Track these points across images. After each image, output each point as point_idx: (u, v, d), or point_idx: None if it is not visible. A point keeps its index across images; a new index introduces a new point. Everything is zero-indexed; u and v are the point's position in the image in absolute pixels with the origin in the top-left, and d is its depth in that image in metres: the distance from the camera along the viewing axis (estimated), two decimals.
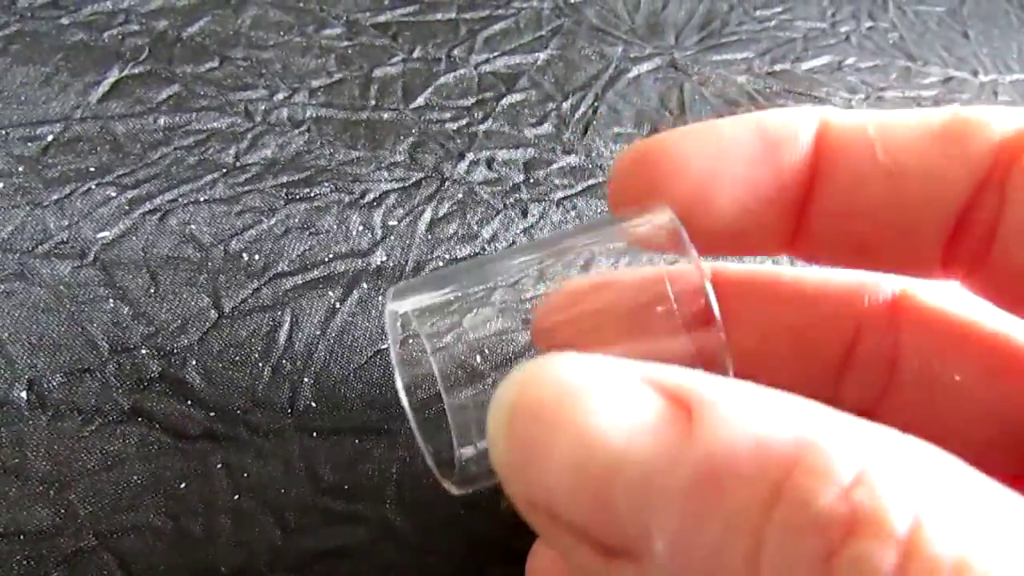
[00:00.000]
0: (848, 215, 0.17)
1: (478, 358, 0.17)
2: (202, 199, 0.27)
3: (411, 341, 0.18)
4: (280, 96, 0.31)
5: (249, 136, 0.30)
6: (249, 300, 0.25)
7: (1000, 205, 0.16)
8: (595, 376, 0.12)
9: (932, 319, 0.19)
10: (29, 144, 0.28)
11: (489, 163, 0.30)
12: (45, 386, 0.23)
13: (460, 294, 0.17)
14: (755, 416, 0.10)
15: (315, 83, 0.32)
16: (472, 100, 0.33)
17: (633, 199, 0.17)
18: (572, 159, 0.31)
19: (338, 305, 0.26)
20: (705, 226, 0.17)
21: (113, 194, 0.27)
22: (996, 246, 0.16)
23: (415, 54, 0.34)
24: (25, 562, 0.20)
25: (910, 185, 0.16)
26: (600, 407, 0.11)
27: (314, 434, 0.23)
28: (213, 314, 0.25)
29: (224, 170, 0.28)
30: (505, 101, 0.33)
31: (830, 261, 0.19)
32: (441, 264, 0.27)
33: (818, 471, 0.09)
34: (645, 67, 0.36)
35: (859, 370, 0.20)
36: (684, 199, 0.17)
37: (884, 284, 0.19)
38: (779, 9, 0.40)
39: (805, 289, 0.19)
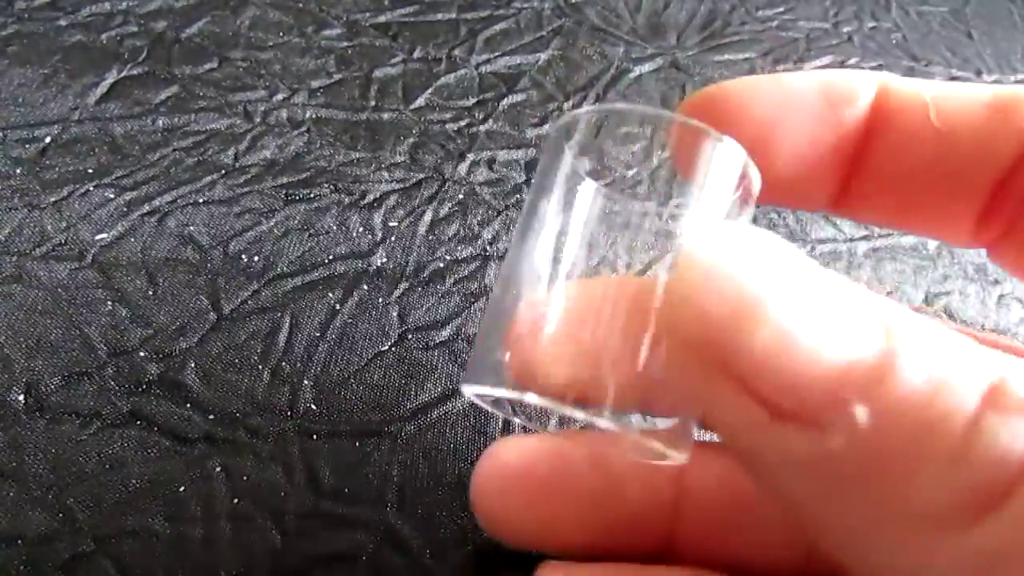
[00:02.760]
0: (896, 174, 0.18)
1: None
2: (201, 200, 0.27)
3: None
4: (279, 97, 0.31)
5: (248, 137, 0.29)
6: (248, 302, 0.25)
7: None
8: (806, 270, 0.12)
9: None
10: (27, 146, 0.28)
11: (490, 164, 0.30)
12: (43, 389, 0.23)
13: None
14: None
15: (315, 84, 0.32)
16: (473, 100, 0.32)
17: None
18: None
19: (338, 307, 0.25)
20: (761, 171, 0.17)
21: (111, 196, 0.27)
22: None
23: (415, 54, 0.34)
24: (23, 567, 0.20)
25: (958, 147, 0.17)
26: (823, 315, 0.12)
27: (314, 437, 0.23)
28: (212, 316, 0.25)
29: (223, 171, 0.28)
30: (506, 101, 0.33)
31: (869, 220, 0.21)
32: (442, 265, 0.27)
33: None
34: (647, 67, 0.35)
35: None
36: (745, 142, 0.16)
37: None
38: (781, 9, 0.40)
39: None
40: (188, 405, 0.23)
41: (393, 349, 0.25)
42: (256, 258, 0.26)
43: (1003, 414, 0.10)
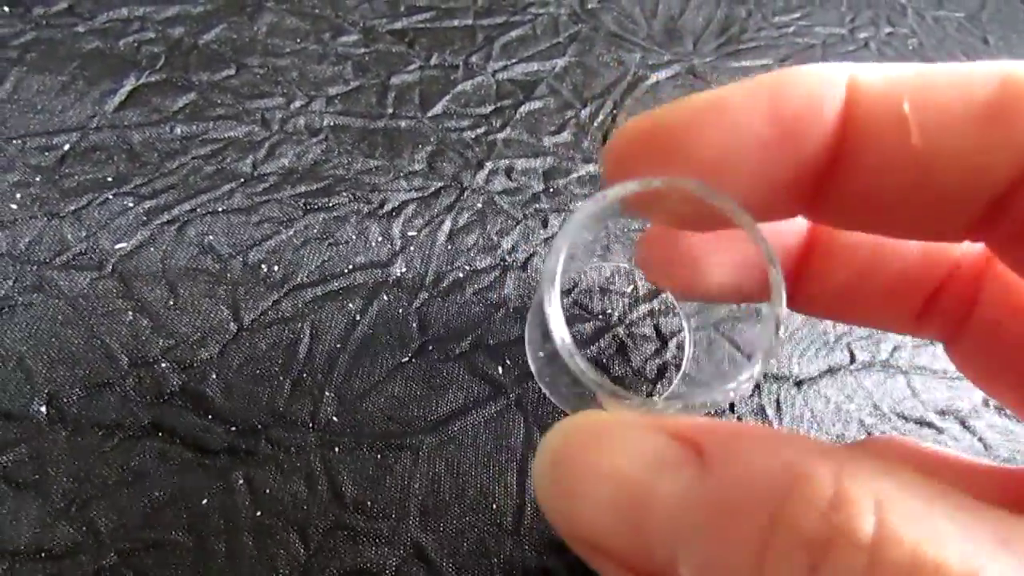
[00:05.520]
0: (873, 198, 0.16)
1: None
2: (220, 209, 0.27)
3: None
4: (297, 104, 0.31)
5: (266, 145, 0.29)
6: (269, 312, 0.25)
7: None
8: (622, 426, 0.14)
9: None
10: (46, 154, 0.28)
11: (508, 172, 0.30)
12: (64, 400, 0.23)
13: None
14: (754, 456, 0.12)
15: (332, 91, 0.32)
16: (490, 108, 0.32)
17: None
18: (592, 168, 0.31)
19: (358, 317, 0.25)
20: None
21: (130, 204, 0.27)
22: None
23: (432, 61, 0.34)
24: None
25: (944, 174, 0.14)
26: (628, 451, 0.13)
27: (336, 449, 0.23)
28: (233, 327, 0.25)
29: (242, 180, 0.28)
30: (523, 109, 0.32)
31: (850, 228, 0.18)
32: (461, 276, 0.27)
33: (804, 500, 0.11)
34: (664, 74, 0.35)
35: (942, 308, 0.19)
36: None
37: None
38: (797, 15, 0.40)
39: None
40: (210, 416, 0.23)
41: (413, 360, 0.25)
42: (276, 268, 0.26)
43: None
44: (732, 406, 0.25)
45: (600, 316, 0.26)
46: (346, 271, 0.26)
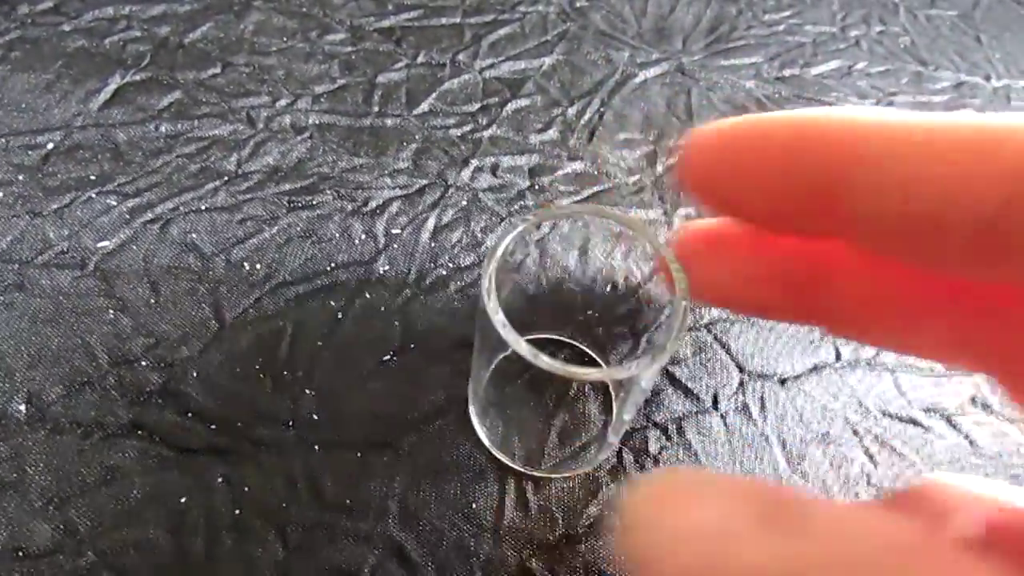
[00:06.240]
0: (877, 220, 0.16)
1: None
2: (203, 207, 0.27)
3: None
4: (283, 103, 0.31)
5: (251, 143, 0.29)
6: (250, 310, 0.25)
7: None
8: (706, 485, 0.14)
9: None
10: (29, 152, 0.28)
11: (494, 170, 0.30)
12: (44, 399, 0.23)
13: None
14: (841, 531, 0.12)
15: (318, 89, 0.32)
16: (477, 106, 0.32)
17: (714, 182, 0.16)
18: (578, 165, 0.31)
19: (340, 315, 0.25)
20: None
21: (114, 203, 0.27)
22: None
23: (419, 59, 0.33)
24: None
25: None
26: (711, 512, 0.13)
27: (316, 448, 0.23)
28: (214, 325, 0.25)
29: (226, 178, 0.28)
30: (510, 107, 0.32)
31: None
32: (444, 273, 0.27)
33: None
34: (652, 72, 0.35)
35: None
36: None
37: None
38: (788, 13, 0.40)
39: None
40: (190, 415, 0.23)
41: (395, 359, 0.25)
42: (258, 266, 0.26)
43: None
44: (716, 403, 0.25)
45: (581, 317, 0.26)
46: (329, 269, 0.26)
